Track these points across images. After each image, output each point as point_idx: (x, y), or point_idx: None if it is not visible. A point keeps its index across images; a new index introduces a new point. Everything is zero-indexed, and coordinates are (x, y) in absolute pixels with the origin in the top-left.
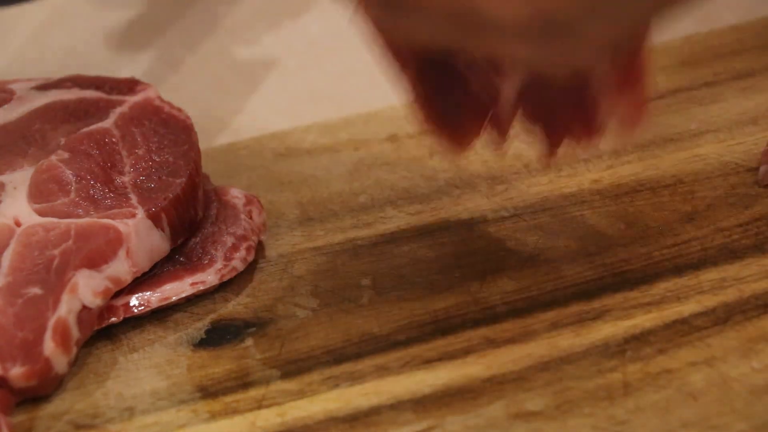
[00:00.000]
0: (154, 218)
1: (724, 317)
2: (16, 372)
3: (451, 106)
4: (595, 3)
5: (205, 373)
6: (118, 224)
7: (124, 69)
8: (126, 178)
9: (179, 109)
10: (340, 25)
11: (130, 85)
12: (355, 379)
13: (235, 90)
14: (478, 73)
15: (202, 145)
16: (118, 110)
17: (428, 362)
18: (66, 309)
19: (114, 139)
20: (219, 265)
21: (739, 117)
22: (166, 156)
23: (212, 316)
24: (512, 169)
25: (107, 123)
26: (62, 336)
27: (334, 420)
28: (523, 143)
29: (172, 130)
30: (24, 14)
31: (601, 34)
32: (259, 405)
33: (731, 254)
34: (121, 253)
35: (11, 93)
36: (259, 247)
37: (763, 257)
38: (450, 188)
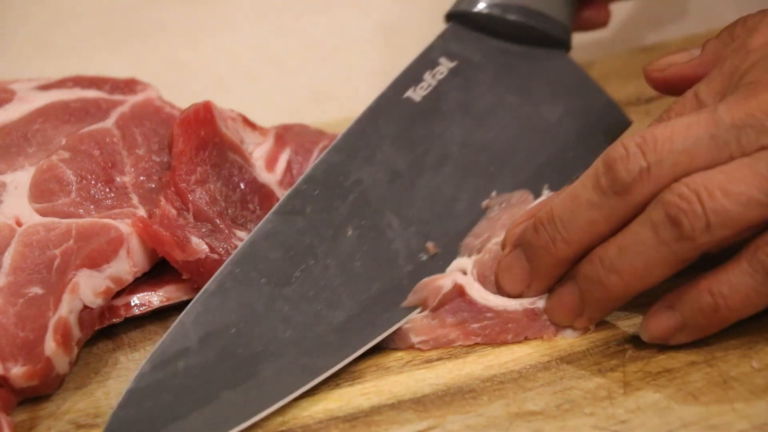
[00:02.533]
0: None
1: None
2: (17, 372)
3: None
4: None
5: None
6: (119, 224)
7: (124, 69)
8: (127, 178)
9: (179, 110)
10: (340, 25)
11: (131, 85)
12: (355, 378)
13: (235, 90)
14: None
15: None
16: (119, 110)
17: (429, 362)
18: (67, 309)
19: (115, 139)
20: None
21: None
22: (167, 156)
23: None
24: None
25: (108, 123)
26: (63, 336)
27: (334, 419)
28: None
29: (172, 130)
30: (25, 14)
31: None
32: None
33: (730, 254)
34: (122, 252)
35: (12, 93)
36: None
37: None
38: None
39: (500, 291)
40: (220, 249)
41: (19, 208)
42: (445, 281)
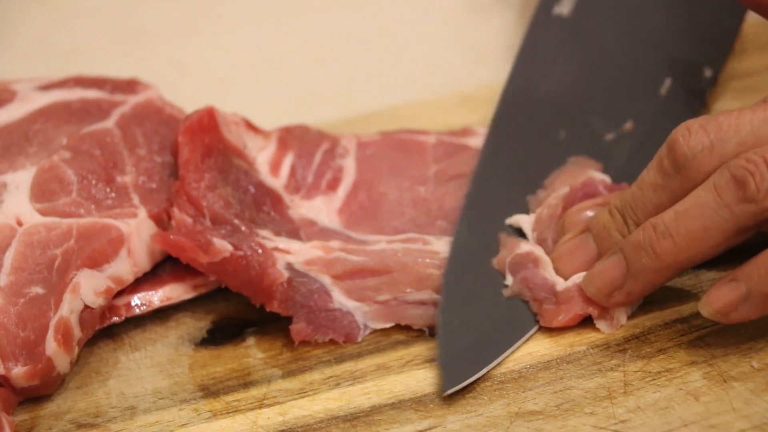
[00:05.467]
0: (156, 218)
1: None
2: (18, 371)
3: None
4: None
5: (207, 372)
6: (120, 224)
7: (125, 69)
8: (128, 178)
9: (180, 110)
10: (340, 25)
11: (132, 86)
12: (356, 378)
13: (235, 90)
14: None
15: None
16: (120, 110)
17: (429, 361)
18: (68, 308)
19: (116, 139)
20: None
21: None
22: (168, 156)
23: (213, 316)
24: None
25: (109, 123)
26: (64, 335)
27: (335, 419)
28: None
29: (173, 130)
30: (26, 14)
31: None
32: (261, 404)
33: (730, 254)
34: (123, 252)
35: (13, 93)
36: None
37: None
38: None
39: (558, 273)
40: (244, 246)
41: (20, 207)
42: (523, 246)
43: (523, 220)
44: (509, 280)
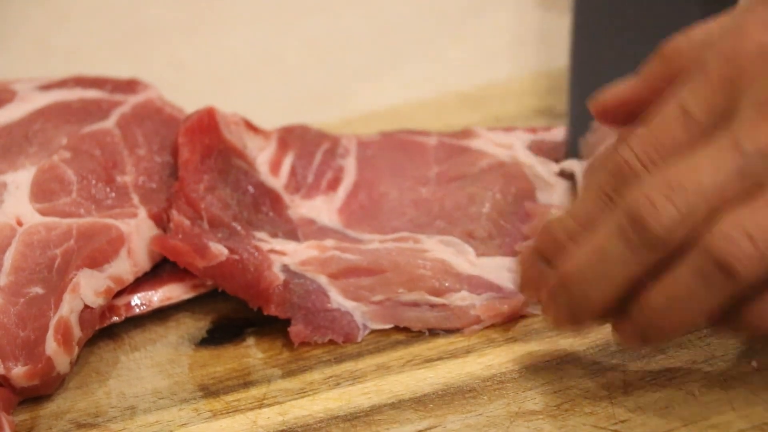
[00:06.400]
0: (156, 218)
1: None
2: (18, 371)
3: None
4: None
5: (207, 372)
6: (120, 224)
7: (125, 69)
8: (128, 178)
9: (180, 110)
10: (340, 25)
11: (132, 85)
12: (356, 378)
13: (235, 90)
14: None
15: None
16: (120, 110)
17: (429, 361)
18: (68, 308)
19: (116, 139)
20: None
21: None
22: (168, 156)
23: (213, 315)
24: None
25: (109, 123)
26: (64, 335)
27: (335, 419)
28: None
29: (173, 130)
30: (25, 14)
31: None
32: (261, 404)
33: None
34: (123, 252)
35: (13, 93)
36: None
37: None
38: None
39: None
40: (240, 249)
41: (20, 207)
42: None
43: (576, 166)
44: None
